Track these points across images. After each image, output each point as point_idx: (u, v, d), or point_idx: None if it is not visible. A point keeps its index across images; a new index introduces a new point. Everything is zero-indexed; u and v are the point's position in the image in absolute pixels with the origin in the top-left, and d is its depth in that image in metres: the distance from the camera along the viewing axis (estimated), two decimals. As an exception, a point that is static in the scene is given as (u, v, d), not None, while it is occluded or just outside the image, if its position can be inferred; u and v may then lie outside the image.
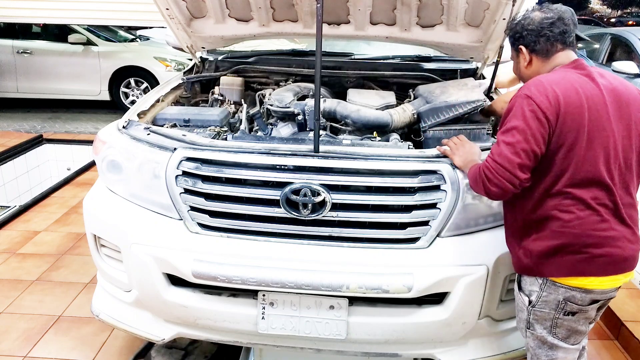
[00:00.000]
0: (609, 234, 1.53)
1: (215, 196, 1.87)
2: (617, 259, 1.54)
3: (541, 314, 1.64)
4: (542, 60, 1.66)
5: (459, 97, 2.22)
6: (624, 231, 1.55)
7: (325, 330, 1.86)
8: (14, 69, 7.12)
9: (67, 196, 4.41)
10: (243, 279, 1.77)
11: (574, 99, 1.50)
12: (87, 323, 2.68)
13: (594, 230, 1.52)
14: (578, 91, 1.51)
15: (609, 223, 1.53)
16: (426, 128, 2.20)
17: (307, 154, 1.85)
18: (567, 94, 1.50)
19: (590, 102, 1.51)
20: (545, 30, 1.62)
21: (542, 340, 1.67)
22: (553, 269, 1.58)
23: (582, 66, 1.60)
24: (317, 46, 1.76)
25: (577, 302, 1.58)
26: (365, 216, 1.82)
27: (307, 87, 2.66)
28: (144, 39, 8.36)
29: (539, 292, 1.62)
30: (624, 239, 1.55)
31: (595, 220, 1.52)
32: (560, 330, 1.64)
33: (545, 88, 1.52)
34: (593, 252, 1.53)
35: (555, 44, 1.63)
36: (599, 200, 1.52)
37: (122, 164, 2.03)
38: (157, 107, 2.49)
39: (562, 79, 1.55)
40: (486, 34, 2.53)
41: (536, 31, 1.63)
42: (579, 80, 1.54)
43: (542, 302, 1.62)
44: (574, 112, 1.49)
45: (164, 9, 2.56)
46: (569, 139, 1.50)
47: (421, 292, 1.78)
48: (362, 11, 2.58)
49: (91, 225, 2.12)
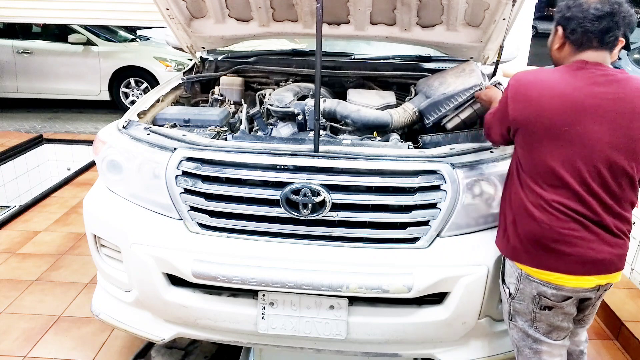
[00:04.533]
0: (581, 235, 1.53)
1: (215, 196, 1.87)
2: (587, 260, 1.53)
3: (520, 307, 1.68)
4: (572, 49, 1.57)
5: (457, 86, 2.22)
6: (604, 236, 1.53)
7: (325, 330, 1.86)
8: (14, 69, 7.12)
9: (67, 196, 4.41)
10: (243, 279, 1.77)
11: (547, 103, 1.50)
12: (87, 323, 2.69)
13: (565, 229, 1.53)
14: (558, 93, 1.49)
15: (582, 226, 1.52)
16: (431, 123, 2.22)
17: (307, 154, 1.85)
18: (542, 95, 1.51)
19: (569, 108, 1.48)
20: (587, 22, 1.50)
21: (525, 333, 1.71)
22: (526, 257, 1.62)
23: (586, 68, 1.52)
24: (317, 46, 1.76)
25: (549, 297, 1.61)
26: (365, 216, 1.82)
27: (307, 87, 2.66)
28: (144, 39, 8.36)
29: (517, 285, 1.67)
30: (600, 242, 1.53)
31: (566, 221, 1.53)
32: (540, 324, 1.67)
33: (524, 85, 1.56)
34: (563, 250, 1.54)
35: (592, 40, 1.52)
36: (566, 206, 1.52)
37: (122, 164, 2.03)
38: (157, 107, 2.49)
39: (552, 77, 1.53)
40: (486, 34, 2.53)
41: (579, 19, 1.52)
42: (572, 82, 1.50)
43: (520, 295, 1.67)
44: (542, 114, 1.50)
45: (164, 9, 2.56)
46: (532, 137, 1.53)
47: (421, 292, 1.78)
48: (362, 11, 2.58)
49: (91, 225, 2.12)
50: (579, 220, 1.52)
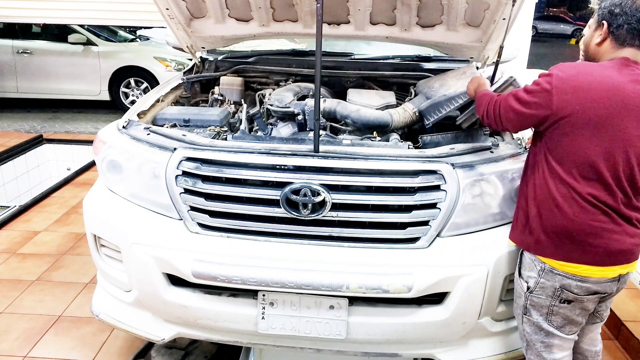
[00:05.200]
0: (608, 227, 1.56)
1: (215, 196, 1.87)
2: (612, 251, 1.57)
3: (538, 300, 1.69)
4: (613, 46, 1.59)
5: (457, 88, 2.22)
6: (626, 227, 1.58)
7: (325, 330, 1.86)
8: (14, 69, 7.12)
9: (67, 196, 4.41)
10: (243, 279, 1.77)
11: (594, 94, 1.49)
12: (87, 323, 2.69)
13: (594, 221, 1.56)
14: (604, 87, 1.50)
15: (609, 217, 1.56)
16: (430, 124, 2.22)
17: (307, 154, 1.85)
18: (590, 86, 1.50)
19: (615, 101, 1.49)
20: (633, 19, 1.53)
21: (538, 327, 1.72)
22: (551, 250, 1.63)
23: (630, 66, 1.54)
24: (317, 46, 1.76)
25: (573, 290, 1.62)
26: (365, 216, 1.82)
27: (307, 87, 2.66)
28: (144, 39, 8.36)
29: (537, 279, 1.67)
30: (623, 234, 1.57)
31: (595, 213, 1.55)
32: (555, 318, 1.68)
33: (571, 74, 1.53)
34: (590, 242, 1.57)
35: (635, 38, 1.55)
36: (598, 198, 1.54)
37: (122, 164, 2.03)
38: (157, 107, 2.49)
39: (597, 70, 1.54)
40: (486, 34, 2.53)
41: (627, 15, 1.54)
42: (617, 77, 1.51)
43: (539, 289, 1.67)
44: (587, 106, 1.49)
45: (164, 9, 2.56)
46: (575, 128, 1.52)
47: (421, 292, 1.78)
48: (362, 11, 2.58)
49: (91, 225, 2.12)
50: (607, 212, 1.55)
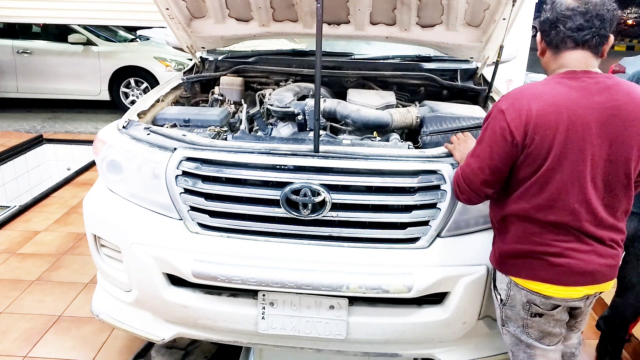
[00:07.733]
0: (572, 246, 1.48)
1: (215, 196, 1.87)
2: (575, 271, 1.49)
3: (511, 313, 1.65)
4: (552, 53, 1.51)
5: (464, 112, 2.25)
6: (597, 247, 1.49)
7: (325, 330, 1.86)
8: (14, 69, 7.11)
9: (67, 196, 4.41)
10: (243, 279, 1.77)
11: (550, 119, 1.40)
12: (87, 323, 2.69)
13: (555, 241, 1.49)
14: (559, 109, 1.40)
15: (574, 237, 1.48)
16: (426, 134, 2.18)
17: (307, 154, 1.85)
18: (545, 112, 1.40)
19: (571, 122, 1.40)
20: (559, 22, 1.44)
21: (517, 339, 1.68)
22: (514, 269, 1.59)
23: (578, 78, 1.44)
24: (317, 46, 1.76)
25: (539, 305, 1.57)
26: (366, 216, 1.82)
27: (307, 87, 2.67)
28: (144, 39, 8.35)
29: (507, 291, 1.64)
30: (591, 253, 1.49)
31: (556, 233, 1.49)
32: (532, 330, 1.64)
33: (522, 105, 1.42)
34: (552, 261, 1.50)
35: (565, 40, 1.45)
36: (561, 221, 1.47)
37: (122, 164, 2.03)
38: (157, 107, 2.49)
39: (548, 92, 1.43)
40: (486, 34, 2.53)
41: (552, 20, 1.46)
42: (569, 95, 1.41)
43: (510, 301, 1.63)
44: (545, 134, 1.40)
45: (164, 9, 2.56)
46: (536, 162, 1.44)
47: (421, 292, 1.78)
48: (362, 11, 2.58)
49: (91, 225, 2.12)
50: (572, 233, 1.48)
